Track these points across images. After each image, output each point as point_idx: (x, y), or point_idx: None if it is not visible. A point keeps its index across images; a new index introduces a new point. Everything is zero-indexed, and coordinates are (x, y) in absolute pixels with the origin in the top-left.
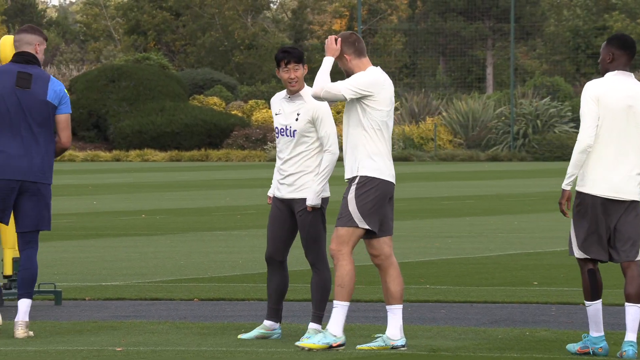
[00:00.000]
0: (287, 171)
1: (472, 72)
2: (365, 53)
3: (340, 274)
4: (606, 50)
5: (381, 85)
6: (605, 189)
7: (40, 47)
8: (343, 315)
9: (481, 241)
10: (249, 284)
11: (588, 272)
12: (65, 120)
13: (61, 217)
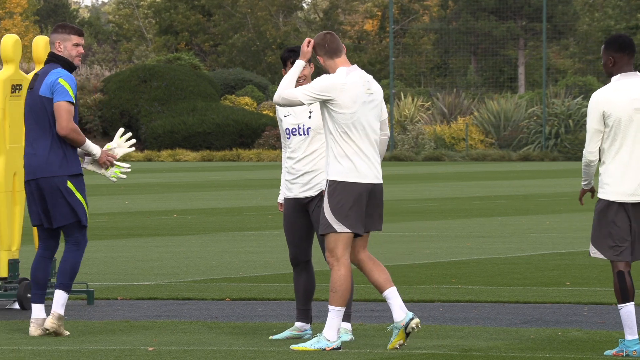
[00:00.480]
0: (302, 170)
1: (504, 71)
2: (340, 52)
3: (333, 279)
4: (606, 54)
5: (339, 88)
6: (626, 194)
7: (64, 44)
8: (338, 320)
9: (513, 241)
10: (281, 284)
11: (617, 274)
12: (57, 107)
13: (93, 217)
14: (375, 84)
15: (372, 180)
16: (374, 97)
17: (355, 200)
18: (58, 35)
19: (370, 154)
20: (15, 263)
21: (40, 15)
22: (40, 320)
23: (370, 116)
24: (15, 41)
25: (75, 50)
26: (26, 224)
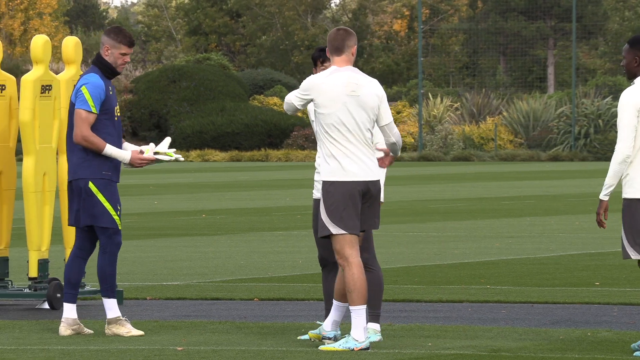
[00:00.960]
0: None
1: (533, 71)
2: (339, 52)
3: (347, 280)
4: (632, 54)
5: (317, 88)
6: None
7: (112, 51)
8: (362, 319)
9: (542, 241)
10: (309, 284)
11: None
12: (75, 114)
13: (122, 217)
14: (368, 86)
15: (363, 178)
16: (360, 100)
17: (347, 200)
18: (109, 40)
19: (359, 153)
20: (45, 263)
21: (70, 16)
22: (70, 320)
23: (355, 117)
24: (45, 42)
25: (121, 59)
26: (56, 225)
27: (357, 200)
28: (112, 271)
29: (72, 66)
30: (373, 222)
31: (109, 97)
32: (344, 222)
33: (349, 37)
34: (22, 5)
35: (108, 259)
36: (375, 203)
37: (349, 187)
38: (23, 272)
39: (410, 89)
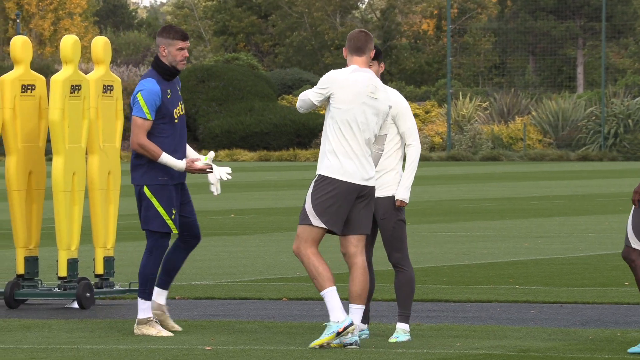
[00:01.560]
0: None
1: (563, 71)
2: (360, 52)
3: (309, 269)
4: None
5: (339, 83)
6: None
7: (169, 49)
8: (334, 300)
9: (571, 241)
10: (338, 284)
11: None
12: (132, 121)
13: None
14: (384, 92)
15: (358, 181)
16: (376, 103)
17: (337, 198)
18: (162, 39)
19: (361, 154)
20: (74, 262)
21: (100, 16)
22: (155, 305)
23: (368, 118)
24: (74, 42)
25: (179, 55)
26: (85, 224)
27: (348, 201)
28: (153, 274)
29: (101, 66)
30: (364, 227)
31: (165, 101)
32: (326, 216)
33: (370, 40)
34: (52, 6)
35: (152, 261)
36: (368, 208)
37: (343, 187)
38: (52, 272)
39: (439, 88)
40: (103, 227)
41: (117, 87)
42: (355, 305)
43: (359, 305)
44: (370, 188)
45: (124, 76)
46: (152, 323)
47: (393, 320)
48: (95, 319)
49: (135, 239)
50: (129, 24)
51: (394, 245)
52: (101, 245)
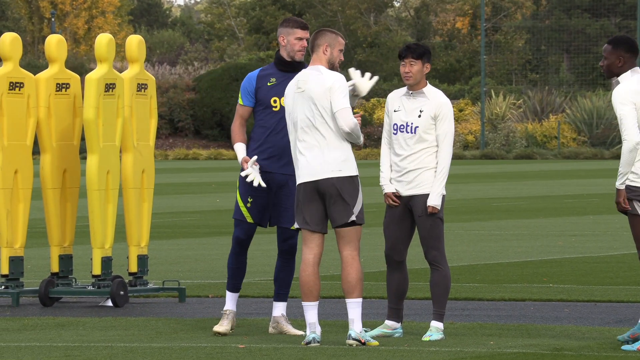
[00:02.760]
0: (407, 168)
1: (597, 69)
2: (311, 50)
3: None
4: (615, 54)
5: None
6: None
7: (288, 38)
8: (310, 315)
9: (605, 240)
10: (371, 282)
11: None
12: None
13: (185, 214)
14: (314, 80)
15: (306, 179)
16: (303, 95)
17: (300, 198)
18: (282, 29)
19: (307, 151)
20: (109, 261)
21: (134, 15)
22: (274, 319)
23: (305, 110)
24: (109, 40)
25: (298, 44)
26: (119, 222)
27: (312, 199)
28: (231, 264)
29: (136, 64)
30: (335, 221)
31: (264, 88)
32: (298, 218)
33: (317, 37)
34: (85, 4)
35: (231, 250)
36: (335, 201)
37: (301, 187)
38: (87, 270)
39: (473, 86)
40: (137, 226)
41: (151, 85)
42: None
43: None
44: (327, 182)
45: (158, 75)
46: (222, 315)
47: (426, 319)
48: (129, 317)
49: (168, 237)
50: (163, 22)
51: (431, 243)
52: (135, 244)
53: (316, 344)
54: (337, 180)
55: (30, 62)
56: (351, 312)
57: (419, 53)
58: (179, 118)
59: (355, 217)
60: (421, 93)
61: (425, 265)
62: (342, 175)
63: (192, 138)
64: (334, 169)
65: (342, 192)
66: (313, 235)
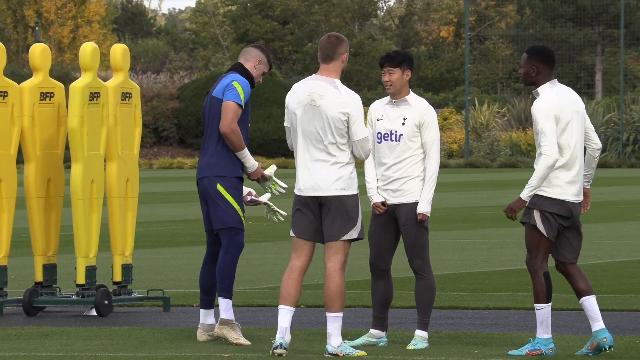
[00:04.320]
0: (392, 177)
1: (581, 78)
2: (324, 59)
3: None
4: (530, 64)
5: (289, 95)
6: (573, 194)
7: (260, 67)
8: (283, 319)
9: (590, 248)
10: (355, 291)
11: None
12: (225, 106)
13: (169, 223)
14: (332, 98)
15: (309, 193)
16: (316, 110)
17: (299, 208)
18: (263, 56)
19: (311, 165)
20: (93, 270)
21: (118, 24)
22: (206, 326)
23: (317, 124)
24: (93, 49)
25: (261, 77)
26: (103, 231)
27: (310, 210)
28: (232, 272)
29: (120, 73)
30: (329, 235)
31: (248, 101)
32: (293, 225)
33: (338, 44)
34: (70, 13)
35: (230, 259)
36: (334, 216)
37: (299, 199)
38: (71, 279)
39: (457, 95)
40: (121, 235)
41: (136, 94)
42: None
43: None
44: (331, 198)
45: (143, 84)
46: (233, 326)
47: (411, 328)
48: (113, 327)
49: (153, 246)
50: (148, 31)
51: (415, 251)
52: (119, 253)
53: (283, 350)
54: (340, 199)
55: (14, 71)
56: (330, 326)
57: (398, 61)
58: (164, 127)
59: (356, 233)
60: (404, 101)
61: (409, 273)
62: (345, 194)
63: (176, 147)
64: (338, 187)
65: (345, 209)
66: (306, 244)
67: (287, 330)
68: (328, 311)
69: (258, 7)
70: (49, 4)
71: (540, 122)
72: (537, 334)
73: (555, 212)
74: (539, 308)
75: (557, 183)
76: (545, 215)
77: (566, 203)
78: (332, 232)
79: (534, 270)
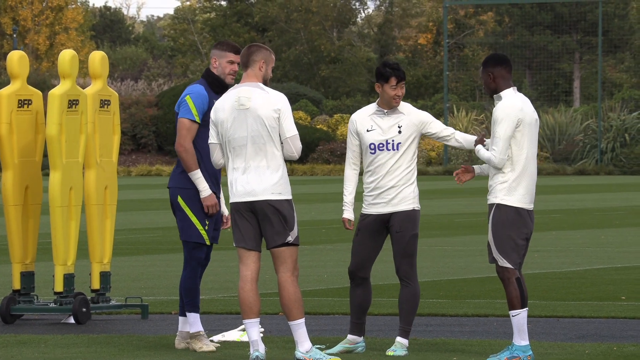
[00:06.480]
0: (387, 185)
1: (559, 85)
2: (242, 66)
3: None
4: (485, 72)
5: (213, 109)
6: (529, 200)
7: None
8: (252, 332)
9: (568, 255)
10: (334, 298)
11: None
12: (178, 123)
13: (148, 231)
14: (259, 97)
15: (243, 199)
16: (247, 112)
17: (235, 217)
18: (216, 51)
19: (245, 170)
20: (71, 277)
21: (96, 31)
22: (184, 334)
23: (249, 128)
24: (72, 56)
25: (229, 68)
26: (81, 239)
27: (247, 217)
28: (193, 285)
29: (99, 81)
30: (270, 241)
31: (210, 107)
32: (234, 234)
33: (252, 52)
34: (47, 20)
35: (189, 273)
36: (270, 222)
37: (234, 206)
38: (49, 287)
39: (436, 102)
40: (99, 242)
41: (114, 101)
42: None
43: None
44: (264, 203)
45: (121, 91)
46: (200, 337)
47: (390, 335)
48: (91, 334)
49: (131, 253)
50: (126, 38)
51: (405, 259)
52: (97, 260)
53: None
54: (276, 203)
55: None
56: (295, 335)
57: (404, 75)
58: (142, 134)
59: (292, 238)
60: (395, 110)
61: (389, 281)
62: (281, 198)
63: (155, 154)
64: (274, 192)
65: (280, 214)
66: (249, 252)
67: (259, 342)
68: (288, 320)
69: (237, 14)
70: (25, 12)
71: (500, 124)
72: (514, 340)
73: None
74: (515, 314)
75: (515, 192)
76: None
77: (519, 209)
78: (272, 239)
79: (506, 277)
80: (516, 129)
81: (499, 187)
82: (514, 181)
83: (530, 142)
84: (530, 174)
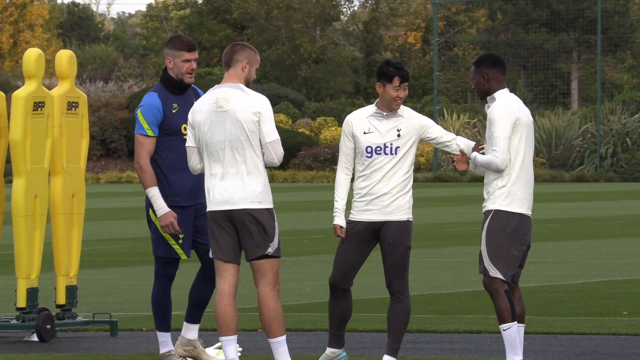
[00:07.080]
0: (381, 191)
1: (556, 86)
2: (224, 66)
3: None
4: (479, 73)
5: (192, 110)
6: (528, 206)
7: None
8: (229, 349)
9: (565, 267)
10: (317, 314)
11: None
12: (135, 139)
13: (117, 242)
14: (239, 99)
15: (220, 207)
16: (225, 115)
17: (212, 227)
18: (168, 50)
19: (224, 177)
20: (35, 292)
21: (64, 28)
22: (184, 340)
23: (228, 131)
24: (38, 55)
25: (185, 67)
26: (46, 251)
27: (225, 227)
28: (162, 303)
29: (66, 81)
30: (248, 253)
31: (170, 115)
32: (212, 246)
33: (235, 51)
34: (11, 18)
35: (157, 289)
36: (248, 232)
37: (211, 215)
38: (11, 302)
39: (425, 105)
40: (66, 254)
41: (83, 103)
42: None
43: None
44: (242, 212)
45: (90, 92)
46: (170, 357)
47: (376, 353)
48: (56, 353)
49: (100, 266)
50: (95, 36)
51: (397, 273)
52: (63, 274)
53: None
54: (255, 212)
55: None
56: (275, 353)
57: (408, 76)
58: (112, 138)
59: (273, 249)
60: (395, 113)
61: (375, 295)
62: (261, 207)
63: (125, 160)
64: (253, 200)
65: (259, 224)
66: (227, 264)
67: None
68: (268, 337)
69: (214, 11)
70: None
71: (497, 124)
72: (507, 357)
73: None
74: (505, 328)
75: (514, 197)
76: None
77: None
78: (252, 250)
79: (494, 289)
80: (513, 129)
81: (497, 192)
82: (513, 185)
83: (527, 145)
84: (527, 179)
